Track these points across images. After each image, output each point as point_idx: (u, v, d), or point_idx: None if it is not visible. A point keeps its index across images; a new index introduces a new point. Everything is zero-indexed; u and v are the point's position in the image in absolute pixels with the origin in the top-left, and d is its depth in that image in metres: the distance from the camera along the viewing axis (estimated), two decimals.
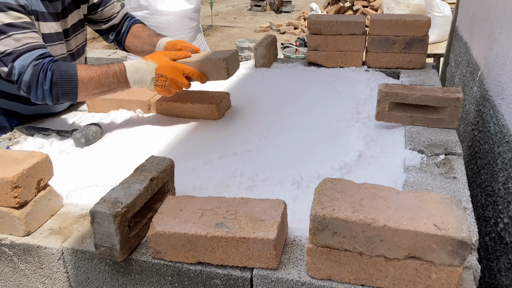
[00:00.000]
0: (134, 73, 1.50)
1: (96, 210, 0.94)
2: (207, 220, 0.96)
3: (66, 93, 1.44)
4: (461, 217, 0.82)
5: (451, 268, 0.81)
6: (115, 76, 1.48)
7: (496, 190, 1.55)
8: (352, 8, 8.52)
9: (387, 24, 2.08)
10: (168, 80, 1.51)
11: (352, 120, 1.64)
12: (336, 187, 0.91)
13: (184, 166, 1.36)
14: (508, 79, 1.59)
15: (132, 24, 1.91)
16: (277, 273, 0.93)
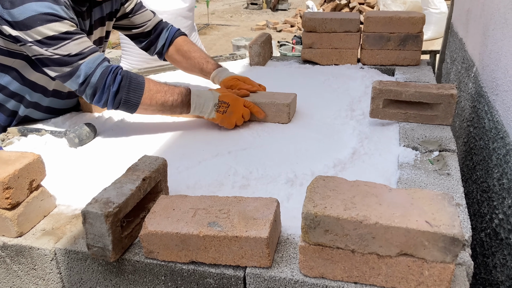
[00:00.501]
0: (197, 97, 1.52)
1: (87, 210, 0.93)
2: (200, 219, 0.96)
3: (129, 101, 1.44)
4: (453, 214, 0.82)
5: (443, 264, 0.81)
6: (180, 94, 1.50)
7: (491, 186, 1.55)
8: (348, 5, 8.52)
9: (381, 21, 2.08)
10: (230, 107, 1.54)
11: (346, 117, 1.64)
12: (328, 185, 0.91)
13: (178, 165, 1.35)
14: (502, 75, 1.59)
15: (174, 36, 1.90)
16: (270, 271, 0.92)
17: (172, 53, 1.90)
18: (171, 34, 1.90)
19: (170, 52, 1.91)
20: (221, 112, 1.53)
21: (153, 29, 1.89)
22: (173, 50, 1.90)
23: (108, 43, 6.82)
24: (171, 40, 1.89)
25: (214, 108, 1.53)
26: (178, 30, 1.94)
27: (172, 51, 1.90)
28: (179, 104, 1.51)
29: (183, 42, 1.90)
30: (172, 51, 1.90)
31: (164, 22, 1.95)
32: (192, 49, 1.88)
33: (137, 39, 1.91)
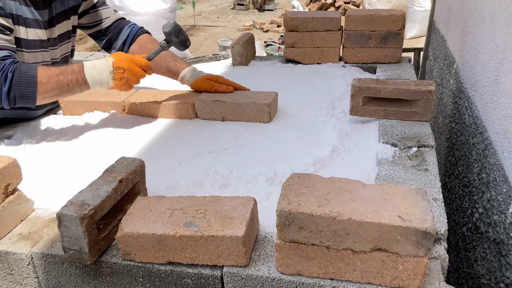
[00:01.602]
0: (92, 70, 1.46)
1: (62, 213, 0.93)
2: (176, 220, 0.95)
3: (25, 96, 1.40)
4: (426, 208, 0.83)
5: (416, 258, 0.81)
6: (73, 74, 1.45)
7: (472, 181, 1.57)
8: (334, 5, 8.55)
9: (362, 19, 2.09)
10: (125, 72, 1.48)
11: (327, 115, 1.64)
12: (303, 182, 0.91)
13: (157, 167, 1.35)
14: (480, 70, 1.61)
15: (136, 33, 1.83)
16: (247, 270, 0.92)
17: (135, 51, 1.82)
18: (133, 31, 1.83)
19: (132, 50, 1.83)
20: (118, 79, 1.47)
21: (112, 26, 1.82)
22: (135, 48, 1.82)
23: (94, 46, 6.73)
24: (133, 38, 1.82)
25: (110, 76, 1.47)
26: (141, 28, 1.87)
27: (135, 49, 1.82)
28: (76, 83, 1.45)
29: (147, 40, 1.83)
30: (135, 49, 1.82)
31: (126, 20, 1.88)
32: (154, 48, 1.77)
33: (98, 38, 1.85)
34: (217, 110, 1.64)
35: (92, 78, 1.46)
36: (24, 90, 1.39)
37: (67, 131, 1.64)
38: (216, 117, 1.66)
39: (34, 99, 1.41)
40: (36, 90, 1.40)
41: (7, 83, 1.37)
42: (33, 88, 1.39)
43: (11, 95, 1.38)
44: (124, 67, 1.47)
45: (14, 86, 1.38)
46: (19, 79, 1.38)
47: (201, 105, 1.66)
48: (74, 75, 1.45)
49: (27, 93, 1.40)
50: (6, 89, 1.37)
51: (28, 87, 1.39)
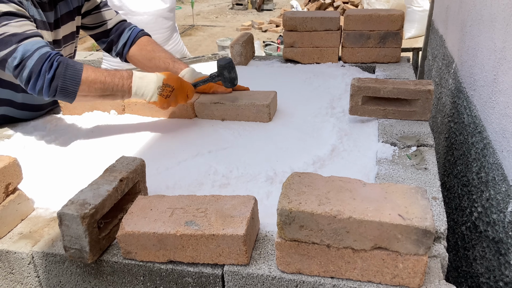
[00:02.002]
0: (140, 79, 1.46)
1: (63, 212, 0.93)
2: (177, 219, 0.96)
3: (66, 89, 1.36)
4: (426, 207, 0.83)
5: (416, 257, 0.82)
6: (121, 78, 1.44)
7: (471, 180, 1.57)
8: (332, 4, 8.56)
9: (361, 19, 2.09)
10: (174, 91, 1.49)
11: (326, 115, 1.65)
12: (303, 181, 0.92)
13: (157, 166, 1.35)
14: (479, 70, 1.61)
15: (137, 36, 1.82)
16: (248, 268, 0.93)
17: (135, 53, 1.81)
18: (133, 34, 1.82)
19: (132, 53, 1.82)
20: (164, 96, 1.48)
21: (114, 28, 1.82)
22: (135, 50, 1.81)
23: (93, 46, 6.73)
24: (133, 40, 1.81)
25: (157, 91, 1.47)
26: (141, 31, 1.86)
27: (135, 51, 1.81)
28: (120, 88, 1.43)
29: (147, 42, 1.82)
30: (135, 51, 1.81)
31: (128, 23, 1.87)
32: (156, 49, 1.80)
33: (100, 39, 1.84)
34: (217, 112, 1.65)
35: (137, 87, 1.46)
36: (67, 82, 1.36)
37: (67, 131, 1.64)
38: (216, 118, 1.66)
39: (74, 95, 1.38)
40: (79, 86, 1.37)
41: (51, 71, 1.34)
42: (77, 83, 1.37)
43: (53, 85, 1.35)
44: (174, 86, 1.49)
45: (58, 76, 1.35)
46: (64, 71, 1.35)
47: (200, 107, 1.66)
48: (121, 80, 1.44)
49: (69, 87, 1.36)
50: (50, 76, 1.34)
51: (72, 81, 1.36)
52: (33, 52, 1.33)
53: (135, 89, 1.45)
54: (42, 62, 1.33)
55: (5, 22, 1.33)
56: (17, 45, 1.33)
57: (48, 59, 1.34)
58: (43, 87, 1.35)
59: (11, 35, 1.33)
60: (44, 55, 1.34)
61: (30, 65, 1.33)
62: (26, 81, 1.35)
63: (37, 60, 1.33)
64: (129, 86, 1.45)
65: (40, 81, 1.34)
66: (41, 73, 1.33)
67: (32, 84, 1.35)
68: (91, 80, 1.38)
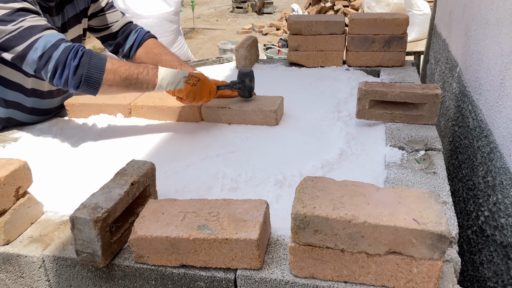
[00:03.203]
0: (166, 70, 1.46)
1: (76, 216, 0.93)
2: (189, 223, 0.95)
3: (91, 78, 1.35)
4: (440, 211, 0.83)
5: (431, 261, 0.82)
6: (146, 67, 1.43)
7: (477, 184, 1.57)
8: (333, 8, 8.58)
9: (366, 23, 2.10)
10: (200, 82, 1.50)
11: (333, 119, 1.65)
12: (316, 185, 0.92)
13: (166, 170, 1.35)
14: (484, 74, 1.62)
15: (143, 38, 1.82)
16: (261, 273, 0.93)
17: (141, 55, 1.82)
18: (140, 36, 1.82)
19: (138, 55, 1.82)
20: (191, 84, 1.48)
21: (121, 30, 1.83)
22: (142, 52, 1.82)
23: (93, 48, 6.80)
24: (139, 42, 1.82)
25: (183, 79, 1.47)
26: (148, 33, 1.86)
27: (141, 54, 1.82)
28: (145, 77, 1.42)
29: (153, 45, 1.83)
30: (141, 54, 1.82)
31: (134, 24, 1.88)
32: (163, 52, 1.80)
33: (106, 41, 1.85)
34: (224, 116, 1.65)
35: (162, 75, 1.44)
36: (92, 70, 1.35)
37: (74, 134, 1.64)
38: (222, 122, 1.67)
39: (99, 84, 1.37)
40: (103, 74, 1.36)
41: (77, 59, 1.33)
42: (101, 71, 1.36)
43: (77, 73, 1.34)
44: (200, 78, 1.51)
45: (83, 65, 1.34)
46: (89, 59, 1.35)
47: (207, 111, 1.67)
48: (146, 69, 1.43)
49: (94, 75, 1.35)
50: (76, 64, 1.33)
51: (97, 69, 1.35)
52: (56, 43, 1.33)
53: (161, 78, 1.44)
54: (68, 52, 1.33)
55: (21, 18, 1.32)
56: (37, 37, 1.32)
57: (73, 49, 1.34)
58: (68, 77, 1.34)
59: (28, 28, 1.32)
60: (69, 46, 1.34)
61: (56, 56, 1.32)
62: (53, 73, 1.34)
63: (63, 51, 1.33)
64: (154, 75, 1.44)
65: (66, 70, 1.33)
66: (66, 62, 1.33)
67: (58, 75, 1.34)
68: (116, 69, 1.38)
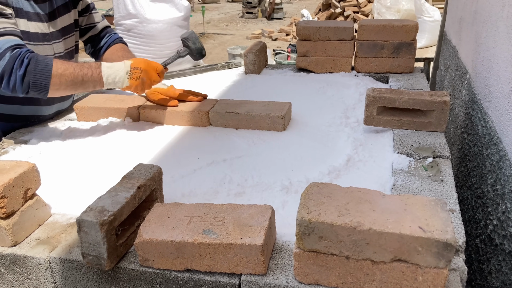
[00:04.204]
0: (109, 68, 1.51)
1: (82, 218, 0.94)
2: (195, 227, 0.96)
3: (38, 84, 1.40)
4: (446, 219, 0.83)
5: (436, 270, 0.81)
6: (90, 68, 1.48)
7: (485, 192, 1.56)
8: (343, 14, 8.58)
9: (375, 29, 2.10)
10: (143, 72, 1.53)
11: (341, 125, 1.65)
12: (322, 192, 0.92)
13: (173, 174, 1.36)
14: (494, 81, 1.60)
15: (113, 42, 1.91)
16: (265, 278, 0.93)
17: (106, 56, 1.89)
18: (110, 39, 1.92)
19: (104, 57, 1.90)
20: (135, 79, 1.52)
21: (100, 32, 1.91)
22: (108, 53, 1.89)
23: None
24: (109, 45, 1.90)
25: (127, 75, 1.51)
26: (119, 38, 1.95)
27: (107, 55, 1.89)
28: (90, 78, 1.48)
29: (119, 49, 1.90)
30: (107, 55, 1.89)
31: (110, 29, 1.97)
32: (125, 55, 1.86)
33: (88, 43, 1.93)
34: (232, 121, 1.66)
35: (107, 75, 1.50)
36: (38, 77, 1.40)
37: (83, 137, 1.65)
38: (230, 127, 1.67)
39: (47, 89, 1.42)
40: (50, 80, 1.42)
41: (22, 67, 1.38)
42: (48, 77, 1.41)
43: (25, 80, 1.39)
44: (142, 68, 1.53)
45: (29, 73, 1.39)
46: (35, 66, 1.40)
47: (215, 116, 1.67)
48: (90, 70, 1.48)
49: (41, 81, 1.41)
50: (21, 73, 1.38)
51: (43, 75, 1.41)
52: (4, 52, 1.38)
53: (106, 78, 1.50)
54: (14, 60, 1.38)
55: None
56: None
57: (18, 57, 1.39)
58: (16, 84, 1.40)
59: None
60: (15, 54, 1.39)
61: (2, 65, 1.37)
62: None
63: (9, 60, 1.38)
64: (99, 75, 1.49)
65: (13, 78, 1.39)
66: (12, 71, 1.38)
67: (5, 83, 1.40)
68: (61, 73, 1.43)
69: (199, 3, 13.97)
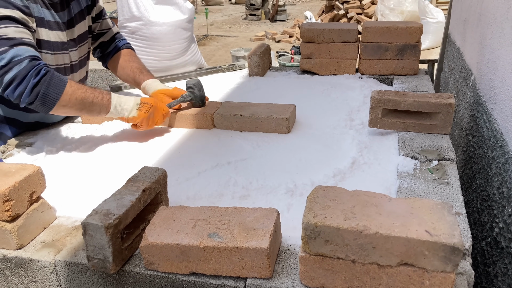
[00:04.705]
0: (119, 98, 1.55)
1: (88, 222, 0.93)
2: (200, 230, 0.96)
3: (47, 95, 1.39)
4: (453, 223, 0.82)
5: (444, 274, 0.81)
6: (101, 93, 1.51)
7: (491, 195, 1.55)
8: (346, 15, 8.57)
9: (379, 31, 2.09)
10: (152, 108, 1.58)
11: (345, 127, 1.64)
12: (328, 195, 0.91)
13: (177, 176, 1.35)
14: (499, 84, 1.60)
15: (121, 48, 1.94)
16: (271, 282, 0.92)
17: (113, 61, 1.94)
18: (118, 45, 1.94)
19: (112, 61, 1.94)
20: (143, 111, 1.57)
21: (110, 40, 1.94)
22: (115, 59, 1.93)
23: None
24: (117, 50, 1.93)
25: (136, 107, 1.56)
26: (126, 44, 1.98)
27: (114, 60, 1.93)
28: (99, 102, 1.50)
29: (126, 54, 1.94)
30: (114, 60, 1.93)
31: (119, 34, 1.99)
32: (131, 60, 1.91)
33: (98, 49, 1.95)
34: (236, 124, 1.66)
35: (116, 102, 1.54)
36: (50, 90, 1.40)
37: (87, 140, 1.66)
38: (234, 130, 1.67)
39: (54, 103, 1.42)
40: (61, 95, 1.41)
41: (38, 76, 1.37)
42: (59, 91, 1.41)
43: (35, 90, 1.38)
44: (151, 104, 1.59)
45: (42, 83, 1.38)
46: (50, 78, 1.40)
47: (219, 118, 1.67)
48: (101, 94, 1.51)
49: (51, 94, 1.40)
50: (35, 81, 1.37)
51: (55, 89, 1.40)
52: (23, 59, 1.37)
53: (114, 104, 1.53)
54: (30, 68, 1.38)
55: (5, 25, 1.37)
56: (10, 48, 1.36)
57: (36, 66, 1.38)
58: (24, 92, 1.38)
59: (7, 39, 1.37)
60: (33, 63, 1.38)
61: (17, 70, 1.36)
62: (7, 84, 1.37)
63: (26, 66, 1.37)
64: (108, 101, 1.52)
65: (23, 85, 1.37)
66: (26, 77, 1.37)
67: (12, 88, 1.38)
68: (73, 91, 1.44)
69: (203, 5, 14.01)
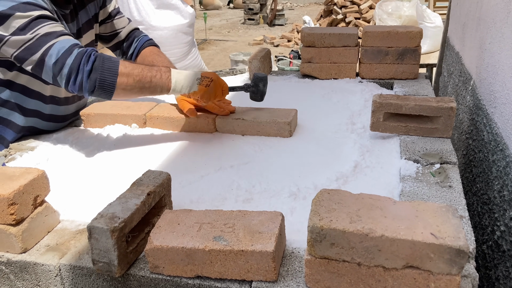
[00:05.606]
0: (179, 73, 1.47)
1: (93, 225, 0.94)
2: (205, 234, 0.96)
3: (105, 81, 1.36)
4: (458, 226, 0.83)
5: (449, 276, 0.81)
6: (159, 71, 1.45)
7: (492, 198, 1.56)
8: (344, 20, 8.61)
9: (379, 35, 2.10)
10: (212, 82, 1.51)
11: (347, 131, 1.65)
12: (333, 198, 0.92)
13: (180, 180, 1.36)
14: (499, 87, 1.61)
15: (143, 46, 1.86)
16: (276, 285, 0.92)
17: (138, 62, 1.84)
18: (139, 44, 1.87)
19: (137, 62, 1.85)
20: (205, 85, 1.50)
21: (126, 38, 1.87)
22: (139, 60, 1.86)
23: None
24: (139, 50, 1.86)
25: (196, 81, 1.49)
26: (148, 40, 1.89)
27: (139, 62, 1.85)
28: (159, 81, 1.44)
29: (149, 52, 1.86)
30: (139, 62, 1.85)
31: (138, 31, 1.92)
32: (155, 60, 1.81)
33: (115, 51, 1.90)
34: (238, 128, 1.66)
35: (176, 79, 1.46)
36: (105, 74, 1.36)
37: (89, 143, 1.66)
38: (236, 133, 1.68)
39: (113, 87, 1.38)
40: (117, 77, 1.37)
41: (89, 63, 1.35)
42: (115, 74, 1.37)
43: (91, 77, 1.35)
44: (212, 78, 1.52)
45: (96, 69, 1.36)
46: (102, 63, 1.37)
47: (222, 122, 1.68)
48: (159, 72, 1.44)
49: (108, 78, 1.37)
50: (88, 69, 1.35)
51: (110, 73, 1.37)
52: (70, 49, 1.35)
53: (174, 81, 1.46)
54: (81, 57, 1.35)
55: (39, 26, 1.36)
56: (52, 43, 1.35)
57: (86, 53, 1.36)
58: (82, 82, 1.36)
59: (44, 35, 1.35)
60: (82, 51, 1.36)
61: (70, 62, 1.34)
62: (67, 79, 1.36)
63: (76, 56, 1.35)
64: (168, 79, 1.45)
65: (80, 75, 1.35)
66: (79, 67, 1.35)
67: (72, 81, 1.36)
68: (129, 72, 1.39)
69: (201, 9, 14.04)
